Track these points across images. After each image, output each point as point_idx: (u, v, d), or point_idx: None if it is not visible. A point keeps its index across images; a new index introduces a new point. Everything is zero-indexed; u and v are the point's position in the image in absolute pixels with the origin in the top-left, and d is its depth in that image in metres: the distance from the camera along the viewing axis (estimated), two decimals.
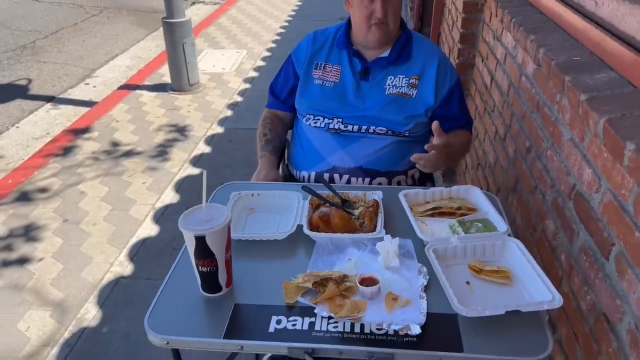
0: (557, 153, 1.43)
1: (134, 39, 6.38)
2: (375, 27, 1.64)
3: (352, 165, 1.68)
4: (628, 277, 1.02)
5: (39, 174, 3.32)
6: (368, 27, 1.65)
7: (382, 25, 1.64)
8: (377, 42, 1.68)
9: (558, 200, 1.41)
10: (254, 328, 1.09)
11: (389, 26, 1.65)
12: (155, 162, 3.44)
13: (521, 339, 1.05)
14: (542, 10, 1.85)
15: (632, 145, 0.98)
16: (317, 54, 1.78)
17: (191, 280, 1.19)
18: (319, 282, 1.16)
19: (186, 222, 1.10)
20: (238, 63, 5.32)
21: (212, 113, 4.19)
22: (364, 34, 1.68)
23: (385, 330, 1.07)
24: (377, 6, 1.60)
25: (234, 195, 1.49)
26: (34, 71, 5.33)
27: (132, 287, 2.36)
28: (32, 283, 2.40)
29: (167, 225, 2.79)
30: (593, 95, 1.20)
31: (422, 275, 1.21)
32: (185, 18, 4.33)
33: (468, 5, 2.54)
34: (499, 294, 1.15)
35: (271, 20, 6.95)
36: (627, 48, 1.25)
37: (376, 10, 1.61)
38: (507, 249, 1.26)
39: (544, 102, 1.56)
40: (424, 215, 1.41)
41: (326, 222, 1.35)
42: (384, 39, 1.67)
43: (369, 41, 1.68)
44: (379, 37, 1.66)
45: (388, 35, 1.68)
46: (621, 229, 1.06)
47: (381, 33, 1.65)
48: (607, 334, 1.10)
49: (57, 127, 4.11)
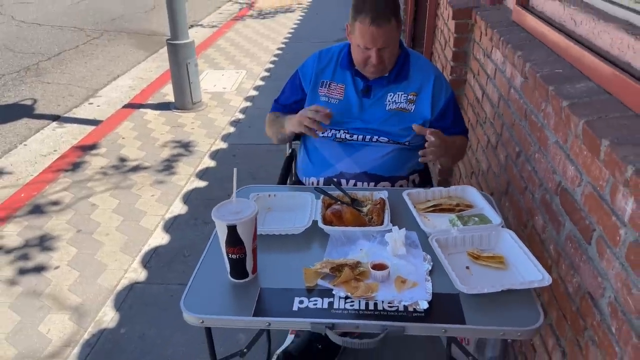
0: (544, 155, 1.59)
1: (135, 61, 6.56)
2: (372, 66, 1.77)
3: (358, 170, 1.83)
4: (607, 256, 1.17)
5: (50, 188, 3.44)
6: (364, 66, 1.78)
7: (378, 66, 1.76)
8: (373, 75, 1.82)
9: (546, 197, 1.57)
10: (279, 308, 1.23)
11: (385, 66, 1.78)
12: (163, 176, 3.57)
13: (516, 313, 1.20)
14: (527, 30, 2.04)
15: (607, 142, 1.14)
16: (323, 72, 1.92)
17: (220, 268, 1.33)
18: (335, 268, 1.30)
19: (220, 213, 1.25)
20: (238, 83, 5.51)
21: (215, 130, 4.35)
22: (361, 69, 1.82)
23: (397, 307, 1.21)
24: (372, 54, 1.72)
25: (252, 196, 1.64)
26: (38, 92, 5.47)
27: (147, 292, 2.48)
28: (50, 289, 2.51)
29: (177, 234, 2.92)
30: (574, 102, 1.37)
31: (427, 261, 1.35)
32: (189, 40, 4.52)
33: (459, 26, 2.74)
34: (495, 276, 1.30)
35: (268, 42, 7.17)
36: (603, 61, 1.43)
37: (372, 57, 1.73)
38: (501, 238, 1.41)
39: (531, 111, 1.73)
40: (426, 212, 1.56)
41: (339, 217, 1.50)
42: (379, 74, 1.82)
43: (365, 72, 1.83)
44: (373, 72, 1.80)
45: (383, 71, 1.81)
46: (600, 215, 1.21)
47: (375, 70, 1.79)
48: (592, 310, 1.24)
49: (64, 144, 4.24)
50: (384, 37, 1.69)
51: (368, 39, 1.69)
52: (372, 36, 1.68)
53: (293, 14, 8.95)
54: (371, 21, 1.66)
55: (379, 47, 1.70)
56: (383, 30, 1.67)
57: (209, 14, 9.19)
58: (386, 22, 1.67)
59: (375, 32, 1.67)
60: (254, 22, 8.38)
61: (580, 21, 1.66)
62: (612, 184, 1.16)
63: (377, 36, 1.68)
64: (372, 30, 1.67)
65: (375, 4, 1.67)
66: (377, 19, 1.65)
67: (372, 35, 1.68)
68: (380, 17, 1.66)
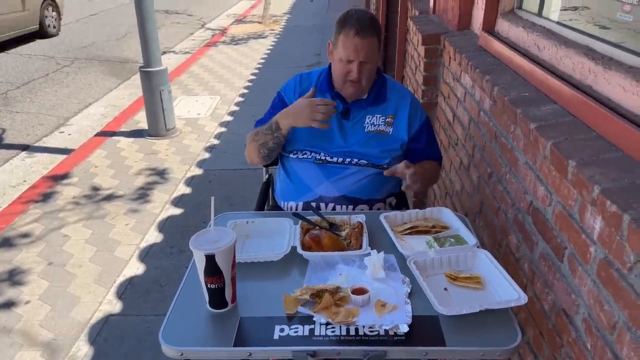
0: (515, 176, 1.64)
1: (107, 88, 6.51)
2: (350, 83, 1.82)
3: (337, 194, 1.85)
4: (579, 273, 1.21)
5: (20, 219, 3.36)
6: (344, 82, 1.83)
7: (356, 84, 1.82)
8: (350, 96, 1.87)
9: (519, 217, 1.61)
10: (260, 337, 1.22)
11: (362, 85, 1.83)
12: (137, 205, 3.53)
13: (494, 333, 1.21)
14: (494, 54, 2.11)
15: (574, 162, 1.19)
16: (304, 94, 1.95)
17: (199, 298, 1.31)
18: (315, 294, 1.30)
19: (197, 242, 1.24)
20: (212, 108, 5.51)
21: (190, 156, 4.33)
22: (339, 87, 1.87)
23: (377, 331, 1.21)
24: (353, 67, 1.78)
25: (230, 223, 1.63)
26: (6, 121, 5.37)
27: (123, 324, 2.42)
28: (20, 325, 2.43)
29: (153, 263, 2.87)
30: (541, 124, 1.42)
31: (406, 284, 1.36)
32: (162, 67, 4.52)
33: (429, 51, 2.82)
34: (473, 297, 1.32)
35: (242, 67, 7.22)
36: (566, 84, 1.49)
37: (352, 71, 1.78)
38: (477, 258, 1.43)
39: (500, 133, 1.78)
40: (403, 234, 1.58)
41: (317, 242, 1.50)
42: (356, 95, 1.87)
43: (344, 93, 1.88)
44: (352, 93, 1.86)
45: (361, 91, 1.87)
46: (571, 233, 1.25)
47: (354, 90, 1.84)
48: (567, 327, 1.27)
49: (34, 174, 4.15)
50: (366, 49, 1.76)
51: (351, 50, 1.76)
52: (355, 47, 1.75)
53: (265, 40, 9.05)
54: (355, 32, 1.74)
55: (361, 59, 1.77)
56: (366, 42, 1.75)
57: (181, 41, 9.22)
58: (369, 36, 1.76)
59: (359, 43, 1.74)
60: (227, 48, 8.44)
61: (543, 46, 1.73)
62: (581, 203, 1.20)
63: (360, 47, 1.75)
64: (355, 41, 1.74)
65: (359, 19, 1.77)
66: (361, 31, 1.74)
67: (355, 46, 1.75)
68: (364, 30, 1.74)
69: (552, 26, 1.76)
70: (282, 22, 10.76)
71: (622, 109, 1.25)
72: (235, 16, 11.58)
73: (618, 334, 1.04)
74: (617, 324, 1.04)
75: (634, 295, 0.98)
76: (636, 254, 0.96)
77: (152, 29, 4.37)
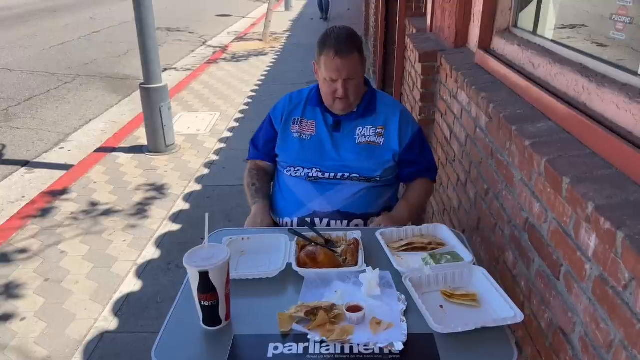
0: (511, 192, 1.64)
1: (107, 104, 6.55)
2: (338, 100, 1.86)
3: (331, 209, 1.85)
4: (575, 291, 1.20)
5: (17, 235, 3.35)
6: (332, 100, 1.87)
7: (344, 100, 1.85)
8: (340, 111, 1.90)
9: (515, 233, 1.60)
10: (254, 355, 1.21)
11: (350, 100, 1.87)
12: (135, 220, 3.52)
13: (490, 351, 1.20)
14: (490, 72, 2.13)
15: (568, 180, 1.19)
16: (294, 111, 1.99)
17: (193, 315, 1.30)
18: (310, 311, 1.29)
19: (191, 259, 1.23)
20: (212, 125, 5.54)
21: (189, 172, 4.33)
22: (329, 105, 1.91)
23: (372, 350, 1.20)
24: (338, 86, 1.82)
25: (225, 240, 1.63)
26: (7, 137, 5.39)
27: (118, 341, 2.40)
28: (15, 342, 2.41)
29: (150, 280, 2.86)
30: (535, 141, 1.42)
31: (401, 301, 1.35)
32: (162, 84, 4.55)
33: (426, 68, 2.84)
34: (468, 315, 1.31)
35: (242, 84, 7.27)
36: (560, 102, 1.50)
37: (338, 89, 1.82)
38: (473, 275, 1.42)
39: (496, 149, 1.79)
40: (399, 251, 1.58)
41: (313, 259, 1.50)
42: (345, 110, 1.90)
43: (333, 110, 1.91)
44: (341, 109, 1.89)
45: (350, 105, 1.89)
46: (566, 250, 1.24)
47: (342, 106, 1.87)
48: (564, 345, 1.26)
49: (33, 190, 4.15)
50: (347, 67, 1.80)
51: (333, 71, 1.80)
52: (336, 67, 1.79)
53: (266, 57, 9.12)
54: (335, 53, 1.78)
55: (344, 77, 1.81)
56: (347, 60, 1.79)
57: (182, 58, 9.29)
58: (349, 54, 1.80)
59: (340, 64, 1.79)
60: (228, 65, 8.50)
61: (538, 64, 1.75)
62: (575, 220, 1.19)
63: (342, 67, 1.79)
64: (336, 62, 1.78)
65: (338, 38, 1.81)
66: (340, 51, 1.78)
67: (337, 67, 1.79)
68: (343, 50, 1.78)
69: (547, 44, 1.78)
70: (283, 39, 10.85)
71: (615, 126, 1.26)
72: (236, 34, 11.68)
73: (614, 353, 1.03)
74: (614, 343, 1.03)
75: (629, 314, 0.97)
76: (630, 272, 0.96)
77: (153, 46, 4.42)
